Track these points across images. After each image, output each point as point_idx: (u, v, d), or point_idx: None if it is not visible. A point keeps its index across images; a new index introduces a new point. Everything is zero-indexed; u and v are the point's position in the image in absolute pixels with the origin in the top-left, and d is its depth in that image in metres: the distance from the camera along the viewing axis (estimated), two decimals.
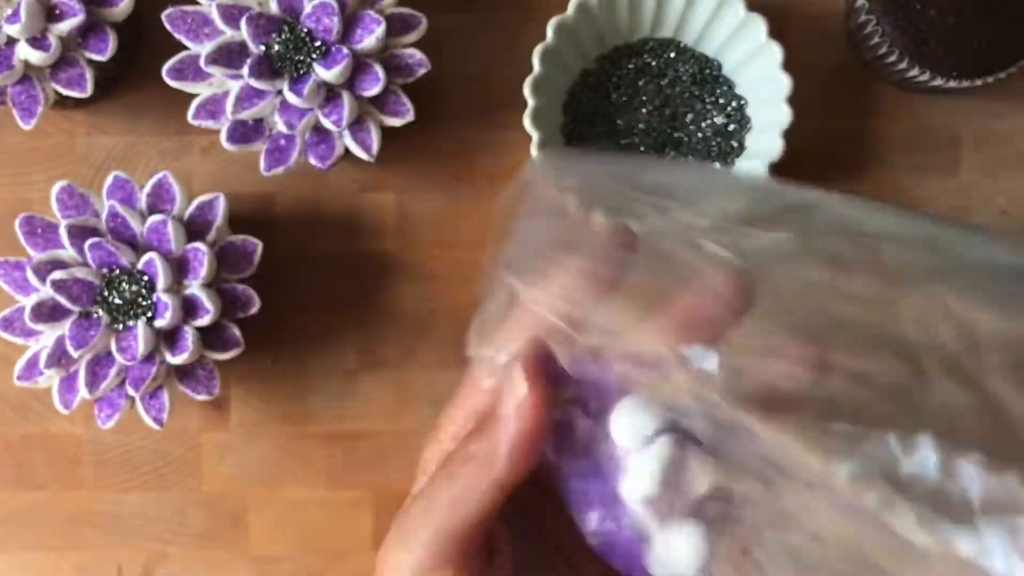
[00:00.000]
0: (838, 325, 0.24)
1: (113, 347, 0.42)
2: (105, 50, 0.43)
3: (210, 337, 0.43)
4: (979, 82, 0.44)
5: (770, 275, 0.25)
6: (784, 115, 0.44)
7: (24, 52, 0.42)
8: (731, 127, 0.47)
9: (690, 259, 0.25)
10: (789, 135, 0.44)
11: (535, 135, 0.44)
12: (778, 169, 0.45)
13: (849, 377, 0.23)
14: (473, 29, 0.49)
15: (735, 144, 0.47)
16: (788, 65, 0.44)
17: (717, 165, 0.47)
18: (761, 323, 0.24)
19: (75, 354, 0.42)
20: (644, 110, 0.47)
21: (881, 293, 0.24)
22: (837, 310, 0.24)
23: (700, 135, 0.47)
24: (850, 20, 0.47)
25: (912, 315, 0.23)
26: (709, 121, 0.47)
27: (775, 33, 0.44)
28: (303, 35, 0.43)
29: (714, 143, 0.47)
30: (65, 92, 0.43)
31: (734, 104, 0.47)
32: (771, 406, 0.23)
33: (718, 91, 0.47)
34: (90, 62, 0.43)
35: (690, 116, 0.47)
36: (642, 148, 0.47)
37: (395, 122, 0.44)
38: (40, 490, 0.49)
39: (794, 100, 0.44)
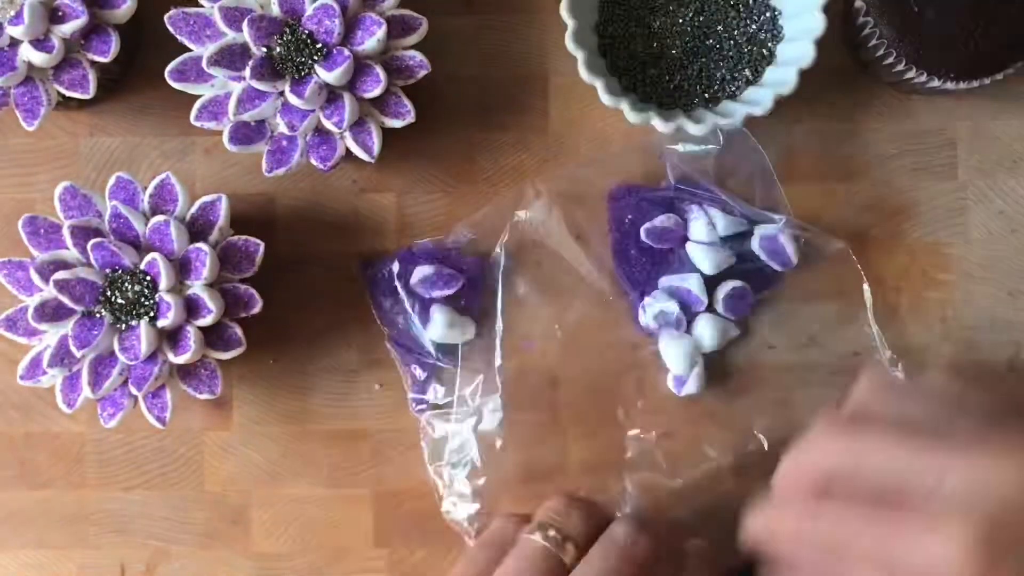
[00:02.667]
0: None
1: (116, 346, 0.43)
2: (108, 52, 0.43)
3: (212, 337, 0.44)
4: (976, 83, 0.44)
5: None
6: (818, 23, 0.44)
7: (27, 54, 0.42)
8: (763, 35, 0.47)
9: None
10: (793, 125, 0.43)
11: (570, 23, 0.44)
12: (777, 170, 0.45)
13: None
14: (473, 31, 0.49)
15: (766, 52, 0.47)
16: None
17: (748, 72, 0.47)
18: None
19: (78, 353, 0.42)
20: (679, 17, 0.47)
21: None
22: None
23: (732, 42, 0.47)
24: (849, 22, 0.47)
25: None
26: (741, 29, 0.47)
27: None
28: (304, 37, 0.43)
29: (746, 50, 0.47)
30: (68, 93, 0.44)
31: (767, 14, 0.47)
32: None
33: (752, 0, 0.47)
34: (93, 64, 0.44)
35: (723, 24, 0.47)
36: (674, 52, 0.47)
37: (396, 123, 0.44)
38: (43, 489, 0.49)
39: (795, 95, 0.44)
